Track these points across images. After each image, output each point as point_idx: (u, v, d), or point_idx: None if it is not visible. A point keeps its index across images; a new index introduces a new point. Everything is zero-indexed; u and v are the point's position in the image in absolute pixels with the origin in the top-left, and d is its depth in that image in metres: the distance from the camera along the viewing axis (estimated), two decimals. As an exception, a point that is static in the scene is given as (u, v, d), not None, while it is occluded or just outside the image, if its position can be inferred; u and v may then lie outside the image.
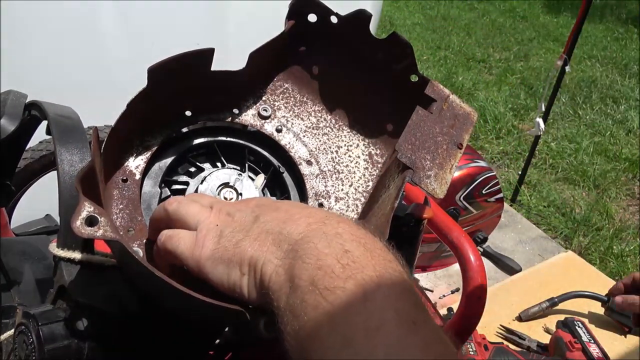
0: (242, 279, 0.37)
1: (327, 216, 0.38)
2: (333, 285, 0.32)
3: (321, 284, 0.32)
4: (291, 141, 0.58)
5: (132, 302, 0.44)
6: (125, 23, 1.53)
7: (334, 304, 0.31)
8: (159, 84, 0.47)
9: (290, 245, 0.36)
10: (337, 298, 0.31)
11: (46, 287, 0.57)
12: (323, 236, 0.35)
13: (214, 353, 0.53)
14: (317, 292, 0.32)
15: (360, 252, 0.34)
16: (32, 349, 0.40)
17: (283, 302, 0.34)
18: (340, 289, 0.31)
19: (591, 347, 1.15)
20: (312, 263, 0.33)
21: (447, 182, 0.48)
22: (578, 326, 1.20)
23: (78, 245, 0.45)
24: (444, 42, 5.06)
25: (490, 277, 0.90)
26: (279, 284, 0.35)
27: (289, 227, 0.37)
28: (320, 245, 0.34)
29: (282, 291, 0.34)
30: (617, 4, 6.42)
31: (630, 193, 3.04)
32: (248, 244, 0.38)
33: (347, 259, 0.33)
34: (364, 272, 0.32)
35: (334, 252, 0.34)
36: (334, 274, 0.32)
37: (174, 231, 0.42)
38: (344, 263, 0.33)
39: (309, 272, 0.33)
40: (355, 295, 0.31)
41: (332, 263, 0.33)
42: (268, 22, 0.91)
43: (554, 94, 2.57)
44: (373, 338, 0.29)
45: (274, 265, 0.36)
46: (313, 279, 0.32)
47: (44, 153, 1.22)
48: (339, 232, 0.36)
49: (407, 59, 0.55)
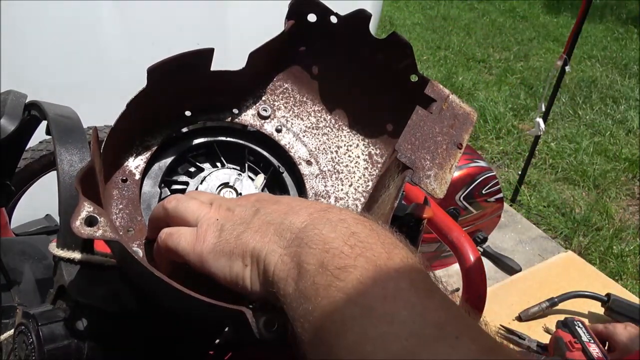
0: (245, 271, 0.37)
1: (328, 206, 0.39)
2: (343, 264, 0.32)
3: (331, 265, 0.32)
4: (291, 141, 0.58)
5: (132, 302, 0.44)
6: (125, 23, 1.53)
7: (347, 280, 0.31)
8: (158, 84, 0.47)
9: (293, 233, 0.36)
10: (350, 274, 0.31)
11: (46, 287, 0.57)
12: (327, 222, 0.35)
13: (214, 353, 0.53)
14: (328, 273, 0.32)
15: (366, 232, 0.34)
16: (31, 349, 0.40)
17: (292, 288, 0.33)
18: (351, 267, 0.31)
19: (591, 347, 1.15)
20: (319, 247, 0.33)
21: (447, 182, 0.48)
22: (578, 326, 1.20)
23: (78, 245, 0.45)
24: (444, 42, 5.06)
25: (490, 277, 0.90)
26: (285, 272, 0.35)
27: (290, 218, 0.37)
28: (325, 231, 0.34)
29: (290, 278, 0.34)
30: (617, 4, 6.42)
31: (630, 193, 3.04)
32: (250, 236, 0.38)
33: (354, 239, 0.33)
34: (374, 249, 0.33)
35: (341, 235, 0.34)
36: (343, 254, 0.32)
37: (174, 228, 0.42)
38: (351, 244, 0.33)
39: (316, 257, 0.33)
40: (367, 271, 0.31)
41: (339, 245, 0.33)
42: (268, 22, 0.91)
43: (554, 94, 2.57)
44: (393, 303, 0.30)
45: (278, 254, 0.36)
46: (322, 262, 0.32)
47: (44, 153, 1.22)
48: (343, 218, 0.36)
49: (407, 59, 0.55)
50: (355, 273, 0.31)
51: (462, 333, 0.28)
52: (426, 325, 0.28)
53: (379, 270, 0.31)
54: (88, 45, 1.50)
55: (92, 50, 1.52)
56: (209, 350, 0.53)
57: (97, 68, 1.54)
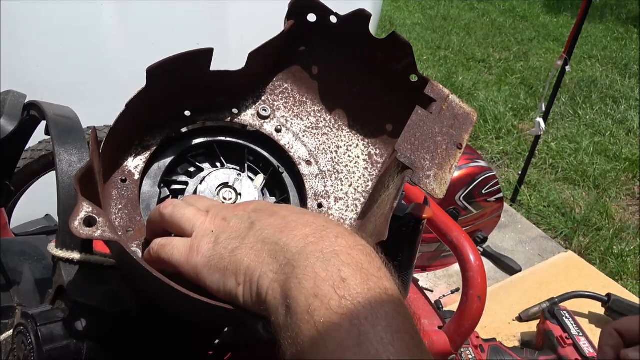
0: (238, 289, 0.37)
1: (325, 226, 0.38)
2: (329, 321, 0.32)
3: (317, 315, 0.32)
4: (290, 141, 0.58)
5: (131, 302, 0.44)
6: (125, 23, 1.53)
7: (328, 338, 0.32)
8: (157, 84, 0.47)
9: (286, 259, 0.36)
10: (332, 337, 0.32)
11: (45, 287, 0.57)
12: (320, 256, 0.35)
13: (214, 353, 0.53)
14: (312, 323, 0.32)
15: (356, 281, 0.34)
16: (30, 349, 0.40)
17: (281, 321, 0.34)
18: (336, 327, 0.32)
19: (581, 341, 1.16)
20: (309, 288, 0.34)
21: (446, 182, 0.48)
22: (565, 317, 1.20)
23: (77, 245, 0.45)
24: (444, 42, 5.06)
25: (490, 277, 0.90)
26: (275, 302, 0.35)
27: (285, 238, 0.37)
28: (317, 267, 0.35)
29: (279, 310, 0.34)
30: (617, 4, 6.41)
31: (630, 193, 3.04)
32: (244, 253, 0.38)
33: (343, 289, 0.33)
34: (360, 309, 0.33)
35: (331, 279, 0.34)
36: (331, 309, 0.33)
37: (167, 239, 0.42)
38: (340, 295, 0.33)
39: (305, 298, 0.33)
40: (350, 335, 0.32)
41: (328, 292, 0.33)
42: (268, 22, 0.91)
43: (554, 94, 2.57)
44: None
45: (269, 279, 0.36)
46: (309, 308, 0.33)
47: (43, 153, 1.22)
48: (336, 251, 0.36)
49: (407, 59, 0.55)
50: (337, 336, 0.32)
51: None
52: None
53: (360, 336, 0.32)
54: (87, 45, 1.50)
55: (91, 50, 1.51)
56: (209, 350, 0.53)
57: (97, 68, 1.54)
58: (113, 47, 1.54)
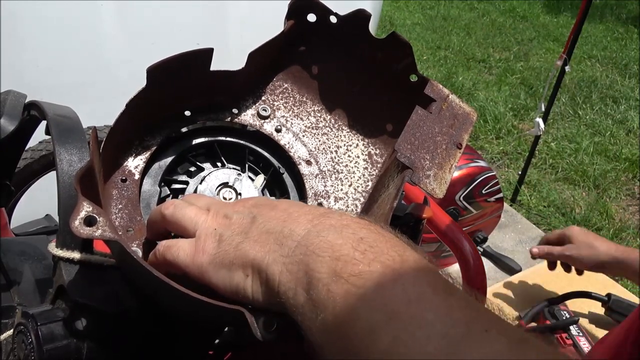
0: (246, 281, 0.37)
1: (327, 211, 0.38)
2: (358, 271, 0.31)
3: (345, 272, 0.32)
4: (290, 141, 0.58)
5: (131, 302, 0.44)
6: (125, 23, 1.53)
7: (365, 286, 0.31)
8: (157, 84, 0.47)
9: (295, 241, 0.36)
10: (367, 281, 0.31)
11: (46, 287, 0.57)
12: (331, 228, 0.35)
13: (214, 353, 0.53)
14: (342, 281, 0.31)
15: (373, 237, 0.34)
16: (31, 348, 0.40)
17: (303, 298, 0.33)
18: (367, 273, 0.31)
19: (581, 341, 1.16)
20: (328, 255, 0.33)
21: (446, 182, 0.48)
22: (565, 317, 1.21)
23: (77, 245, 0.45)
24: (444, 42, 5.06)
25: (490, 277, 0.90)
26: (293, 282, 0.34)
27: (290, 225, 0.37)
28: (331, 237, 0.34)
29: (300, 287, 0.34)
30: (617, 4, 6.41)
31: (630, 193, 3.04)
32: (249, 246, 0.37)
33: (364, 245, 0.33)
34: (386, 254, 0.32)
35: (349, 241, 0.33)
36: (356, 260, 0.32)
37: (172, 241, 0.42)
38: (361, 250, 0.32)
39: (327, 265, 0.33)
40: (384, 276, 0.31)
41: (349, 251, 0.33)
42: (268, 22, 0.91)
43: (554, 94, 2.57)
44: (417, 306, 0.30)
45: (280, 263, 0.35)
46: (334, 270, 0.32)
47: (43, 153, 1.22)
48: (346, 223, 0.35)
49: (407, 59, 0.55)
50: (372, 279, 0.31)
51: (490, 327, 0.29)
52: (454, 325, 0.29)
53: (396, 274, 0.31)
54: (87, 45, 1.50)
55: (91, 50, 1.52)
56: (209, 350, 0.53)
57: (97, 68, 1.54)
58: (113, 47, 1.54)
